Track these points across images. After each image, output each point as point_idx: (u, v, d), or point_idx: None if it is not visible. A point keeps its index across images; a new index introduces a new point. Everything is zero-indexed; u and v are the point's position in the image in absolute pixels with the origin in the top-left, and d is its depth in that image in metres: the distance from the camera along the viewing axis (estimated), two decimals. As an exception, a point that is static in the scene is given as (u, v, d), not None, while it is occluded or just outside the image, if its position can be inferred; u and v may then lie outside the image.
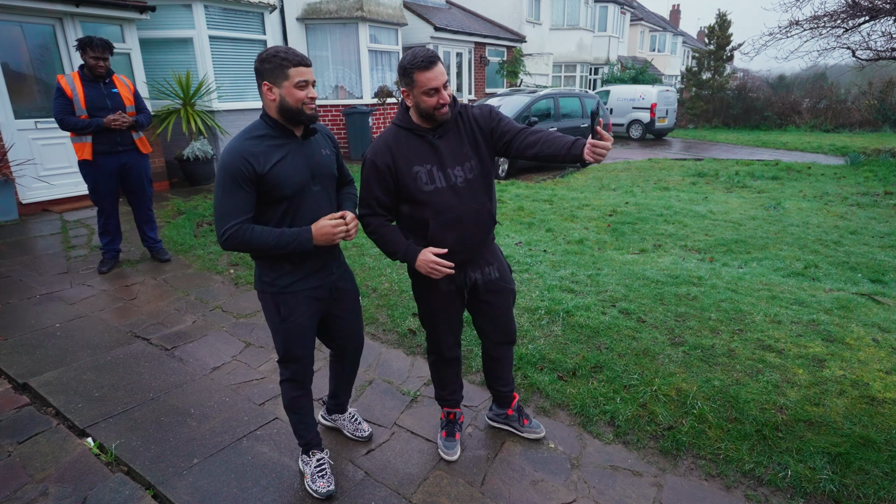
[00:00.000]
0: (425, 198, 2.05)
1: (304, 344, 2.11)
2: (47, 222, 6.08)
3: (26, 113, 6.46)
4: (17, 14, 6.20)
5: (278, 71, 1.80)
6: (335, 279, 2.13)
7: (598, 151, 1.86)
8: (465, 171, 2.08)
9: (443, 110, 1.99)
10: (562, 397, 2.84)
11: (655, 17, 38.10)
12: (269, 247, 1.85)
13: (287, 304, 2.01)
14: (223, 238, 1.82)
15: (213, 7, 8.24)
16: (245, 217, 1.82)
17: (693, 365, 3.00)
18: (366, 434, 2.55)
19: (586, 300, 3.79)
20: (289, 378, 2.17)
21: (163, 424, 2.62)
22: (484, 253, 2.25)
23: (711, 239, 5.54)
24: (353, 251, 5.05)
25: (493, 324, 2.37)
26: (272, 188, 1.84)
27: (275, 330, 2.08)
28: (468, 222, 2.12)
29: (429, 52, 1.94)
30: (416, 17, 12.86)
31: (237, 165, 1.79)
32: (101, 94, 4.16)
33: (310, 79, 1.85)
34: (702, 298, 3.80)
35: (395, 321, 3.67)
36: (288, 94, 1.82)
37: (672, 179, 9.49)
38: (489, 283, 2.26)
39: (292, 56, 1.81)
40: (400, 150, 2.05)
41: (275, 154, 1.85)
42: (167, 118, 7.54)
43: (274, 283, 1.99)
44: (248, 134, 1.87)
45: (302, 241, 1.88)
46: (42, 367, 3.10)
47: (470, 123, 2.12)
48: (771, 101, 22.23)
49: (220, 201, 1.82)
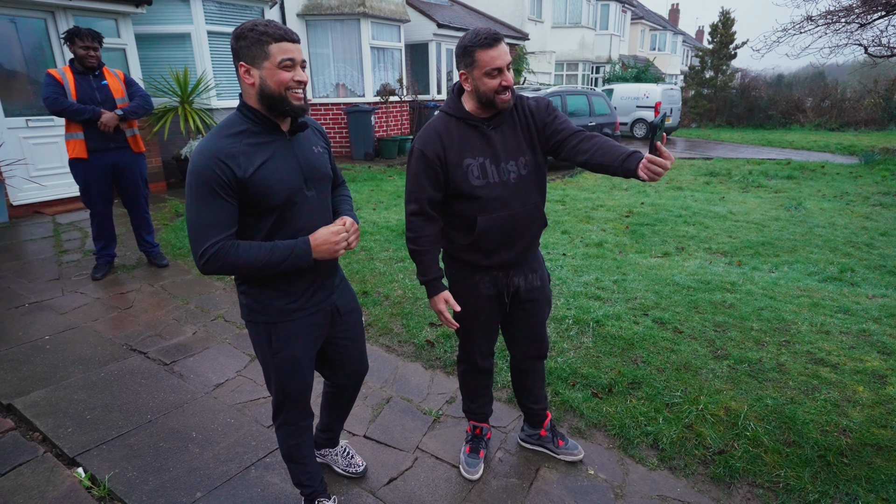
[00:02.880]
0: (475, 193, 1.84)
1: (301, 381, 1.77)
2: (39, 225, 5.81)
3: (17, 111, 6.18)
4: (10, 7, 5.92)
5: (256, 48, 1.44)
6: (335, 299, 1.81)
7: (655, 170, 1.61)
8: (519, 167, 1.89)
9: (505, 95, 1.78)
10: (598, 416, 2.59)
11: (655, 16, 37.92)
12: (259, 265, 1.50)
13: (280, 334, 1.68)
14: (202, 261, 1.46)
15: (212, 1, 7.97)
16: (227, 233, 1.47)
17: (741, 381, 2.75)
18: (360, 469, 2.22)
19: (616, 308, 3.55)
20: (283, 423, 1.84)
21: (162, 451, 2.36)
22: (529, 258, 2.06)
23: (736, 241, 5.31)
24: (362, 255, 4.79)
25: (526, 335, 2.17)
26: (258, 196, 1.49)
27: (266, 366, 1.74)
28: (519, 222, 1.92)
29: (491, 30, 1.74)
30: (418, 13, 12.60)
31: (211, 170, 1.43)
32: (90, 87, 3.91)
33: (297, 58, 1.48)
34: (739, 306, 3.55)
35: (411, 331, 3.41)
36: (269, 76, 1.45)
37: (684, 179, 9.26)
38: (531, 290, 2.07)
39: (273, 29, 1.44)
40: (451, 139, 1.84)
41: (258, 154, 1.50)
42: (164, 116, 7.26)
43: (264, 310, 1.65)
44: (224, 131, 1.50)
45: (299, 255, 1.54)
46: (29, 385, 2.84)
47: (525, 116, 1.92)
48: (775, 99, 22.06)
49: (195, 216, 1.45)
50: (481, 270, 1.99)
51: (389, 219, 6.02)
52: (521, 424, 2.47)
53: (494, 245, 1.92)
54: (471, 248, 1.93)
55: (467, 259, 1.98)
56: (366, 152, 10.71)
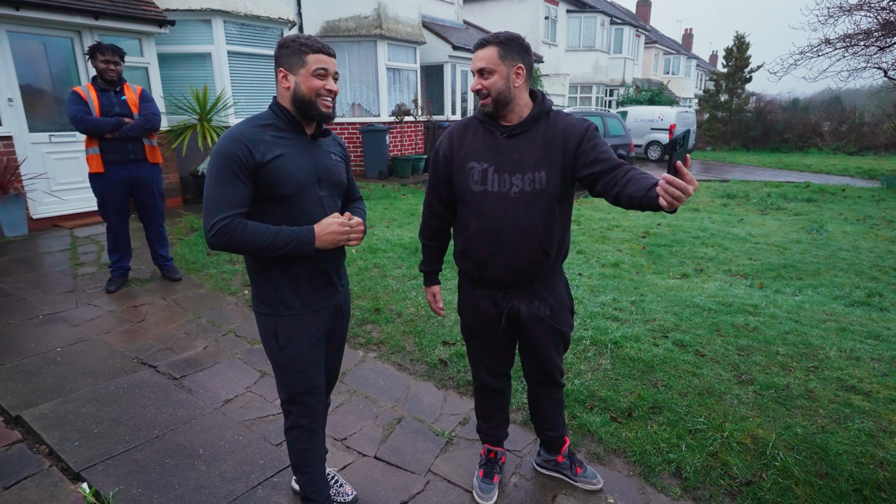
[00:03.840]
0: (470, 198, 1.83)
1: (310, 377, 1.78)
2: (57, 238, 5.87)
3: (41, 126, 6.31)
4: (38, 27, 6.10)
5: (295, 56, 1.60)
6: (339, 299, 1.86)
7: (673, 192, 1.38)
8: (525, 182, 1.77)
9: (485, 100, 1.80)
10: (617, 442, 2.48)
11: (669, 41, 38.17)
12: (263, 245, 1.56)
13: (286, 329, 1.72)
14: (211, 233, 1.53)
15: (233, 22, 8.15)
16: (239, 210, 1.56)
17: (768, 407, 2.64)
18: (349, 498, 2.09)
19: (634, 330, 3.45)
20: (293, 426, 1.82)
21: (168, 468, 2.30)
22: (535, 285, 1.92)
23: (757, 263, 5.18)
24: (375, 272, 4.75)
25: (532, 362, 2.10)
26: (270, 183, 1.59)
27: (274, 361, 1.78)
28: (507, 239, 1.80)
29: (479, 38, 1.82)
30: (434, 36, 12.78)
31: (234, 151, 1.55)
32: (111, 102, 3.99)
33: (330, 69, 1.63)
34: (763, 329, 3.44)
35: (424, 350, 3.34)
36: (303, 82, 1.61)
37: (701, 201, 9.15)
38: (535, 319, 1.95)
39: (313, 42, 1.61)
40: (462, 140, 1.86)
41: (278, 146, 1.62)
42: (183, 133, 7.36)
43: (271, 302, 1.71)
44: (253, 121, 1.64)
45: (303, 241, 1.60)
46: (38, 397, 2.81)
47: (558, 132, 1.78)
48: (791, 123, 21.92)
49: (212, 190, 1.56)
50: (480, 287, 1.96)
51: (403, 236, 5.99)
52: (538, 448, 2.38)
53: (481, 257, 1.85)
54: (463, 255, 1.92)
55: (463, 268, 1.98)
56: (380, 171, 10.78)
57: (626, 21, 24.85)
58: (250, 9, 8.18)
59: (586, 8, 21.55)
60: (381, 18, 10.48)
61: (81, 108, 3.88)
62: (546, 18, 19.52)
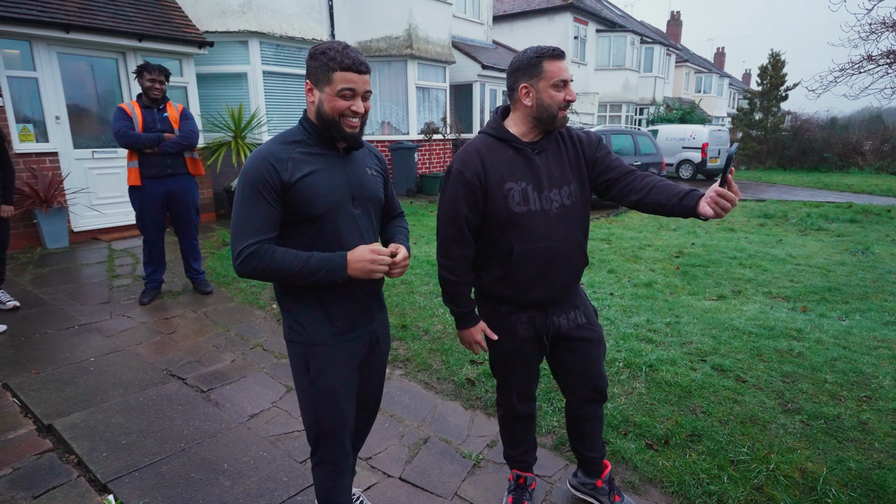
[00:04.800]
0: (514, 220, 1.73)
1: (339, 415, 1.64)
2: (95, 250, 6.05)
3: (85, 143, 6.57)
4: (86, 48, 6.39)
5: (322, 72, 1.46)
6: (376, 327, 1.72)
7: (724, 205, 1.51)
8: (563, 197, 1.77)
9: (566, 111, 1.72)
10: (653, 471, 2.35)
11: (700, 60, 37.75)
12: (292, 272, 1.46)
13: (318, 360, 1.59)
14: (239, 260, 1.45)
15: (268, 44, 8.39)
16: (267, 236, 1.47)
17: (817, 439, 2.47)
18: None
19: (670, 352, 3.31)
20: (320, 462, 1.69)
21: (192, 482, 2.28)
22: (570, 295, 1.90)
23: (799, 286, 4.96)
24: (402, 288, 4.72)
25: (579, 377, 1.97)
26: (300, 203, 1.49)
27: (302, 394, 1.64)
28: (557, 257, 1.78)
29: (553, 46, 1.71)
30: (463, 55, 12.92)
31: (260, 171, 1.45)
32: (153, 119, 4.14)
33: (359, 88, 1.48)
34: (809, 355, 3.26)
35: (451, 369, 3.28)
36: (327, 101, 1.48)
37: (736, 220, 8.89)
38: (577, 328, 1.90)
39: (343, 57, 1.45)
40: (493, 160, 1.74)
41: (308, 163, 1.51)
42: (218, 150, 7.57)
43: (303, 331, 1.58)
44: (281, 138, 1.54)
45: (333, 268, 1.49)
46: (70, 406, 2.84)
47: (574, 144, 1.83)
48: (830, 142, 21.23)
49: (239, 214, 1.48)
50: (517, 310, 1.85)
51: (430, 253, 5.97)
52: (574, 470, 2.26)
53: (530, 279, 1.79)
54: (504, 281, 1.81)
55: (500, 295, 1.85)
56: (408, 188, 10.84)
57: (656, 40, 24.70)
58: (285, 30, 8.42)
59: (616, 27, 21.52)
60: (411, 39, 10.66)
61: (125, 124, 4.04)
62: (575, 38, 19.55)
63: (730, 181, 1.49)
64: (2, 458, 2.42)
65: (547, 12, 19.09)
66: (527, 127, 1.77)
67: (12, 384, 3.05)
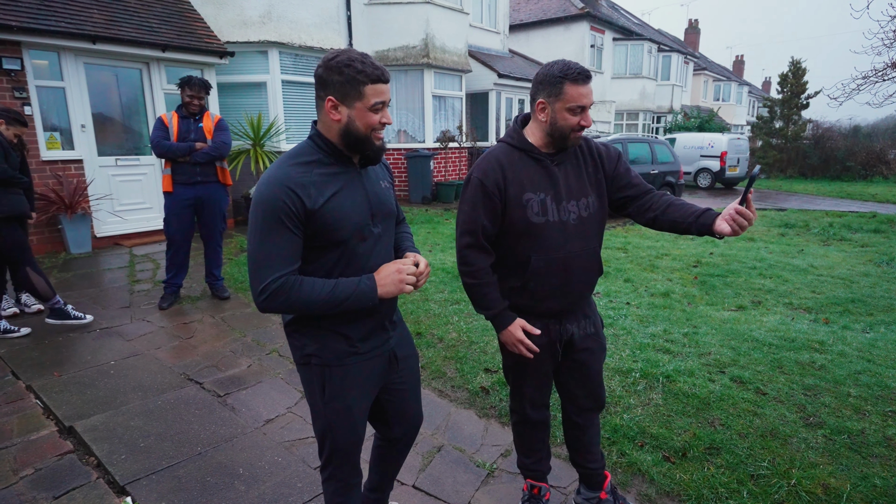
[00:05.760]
0: (532, 230, 1.74)
1: (353, 434, 1.60)
2: (117, 256, 6.17)
3: (109, 150, 6.73)
4: (112, 59, 6.57)
5: (351, 87, 1.36)
6: (393, 343, 1.67)
7: (742, 223, 1.61)
8: (580, 208, 1.79)
9: (579, 133, 1.73)
10: (671, 484, 2.31)
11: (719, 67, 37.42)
12: (321, 303, 1.39)
13: (334, 380, 1.53)
14: (263, 296, 1.35)
15: (288, 53, 8.53)
16: (291, 268, 1.38)
17: (840, 455, 2.41)
18: None
19: (688, 363, 3.27)
20: (331, 477, 1.66)
21: (208, 486, 2.30)
22: (583, 304, 1.92)
23: (821, 297, 4.86)
24: (417, 296, 4.73)
25: (582, 386, 1.99)
26: (325, 230, 1.40)
27: (316, 414, 1.58)
28: (574, 267, 1.80)
29: (582, 66, 1.68)
30: (479, 64, 12.98)
31: (280, 198, 1.33)
32: (188, 128, 4.28)
33: (387, 99, 1.42)
34: (831, 368, 3.19)
35: (465, 376, 3.27)
36: (359, 118, 1.39)
37: (756, 230, 8.74)
38: (585, 338, 1.93)
39: (371, 68, 1.37)
40: (513, 171, 1.75)
41: (329, 185, 1.42)
42: (237, 158, 7.70)
43: (318, 352, 1.52)
44: (294, 159, 1.42)
45: (364, 292, 1.42)
46: (91, 408, 2.90)
47: (594, 157, 1.85)
48: (853, 150, 20.80)
49: (259, 246, 1.36)
50: (532, 319, 1.86)
51: (445, 261, 5.97)
52: (578, 486, 2.25)
53: (547, 289, 1.80)
54: (521, 290, 1.82)
55: (515, 304, 1.86)
56: (423, 196, 10.89)
57: (673, 48, 24.56)
58: (304, 40, 8.55)
59: (633, 36, 21.45)
60: (428, 48, 10.75)
61: (160, 134, 4.20)
62: (592, 46, 19.54)
63: (749, 201, 1.57)
64: (24, 458, 2.47)
65: (563, 21, 19.12)
66: (543, 139, 1.78)
67: (35, 386, 3.12)
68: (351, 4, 10.28)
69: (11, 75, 5.76)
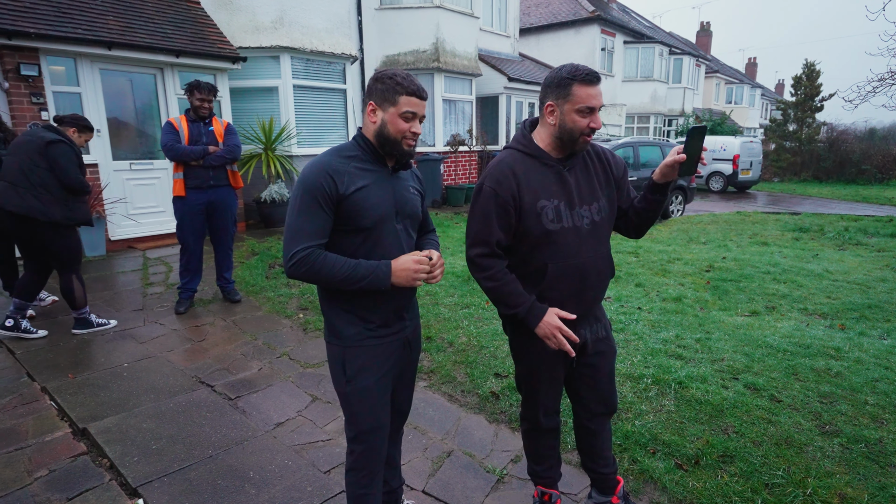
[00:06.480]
0: (547, 238, 1.73)
1: (376, 414, 1.71)
2: (131, 259, 6.24)
3: (123, 155, 6.82)
4: (127, 65, 6.66)
5: (388, 94, 1.60)
6: (408, 333, 1.81)
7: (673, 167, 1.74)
8: (593, 213, 1.79)
9: (589, 136, 1.71)
10: (683, 492, 2.29)
11: (731, 70, 37.11)
12: (340, 278, 1.57)
13: (354, 360, 1.68)
14: (291, 262, 1.56)
15: (299, 58, 8.59)
16: (320, 241, 1.58)
17: (857, 464, 2.37)
18: None
19: (700, 369, 3.23)
20: (353, 467, 1.75)
21: (219, 489, 2.31)
22: (595, 308, 1.92)
23: (837, 302, 4.79)
24: (427, 300, 4.73)
25: (594, 390, 1.98)
26: (351, 215, 1.60)
27: (341, 395, 1.73)
28: (590, 272, 1.81)
29: (591, 69, 1.68)
30: (490, 68, 12.98)
31: (319, 181, 1.56)
32: (199, 132, 4.30)
33: (419, 112, 1.63)
34: (848, 375, 3.14)
35: (475, 381, 3.26)
36: (391, 122, 1.61)
37: (770, 234, 8.64)
38: (597, 341, 1.93)
39: (409, 83, 1.60)
40: (526, 179, 1.73)
41: (361, 178, 1.62)
42: (249, 162, 7.76)
43: (339, 332, 1.68)
44: (338, 152, 1.65)
45: (379, 276, 1.60)
46: (104, 410, 2.93)
47: (602, 161, 1.87)
48: (869, 153, 20.50)
49: (294, 219, 1.58)
50: None
51: (455, 264, 5.97)
52: (589, 491, 2.23)
53: (563, 296, 1.79)
54: (537, 299, 1.80)
55: None
56: (433, 200, 10.90)
57: (685, 51, 24.40)
58: (315, 45, 8.61)
59: (644, 39, 21.35)
60: (438, 52, 10.77)
61: (172, 138, 4.22)
62: (602, 50, 19.48)
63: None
64: (39, 459, 2.50)
65: (574, 25, 19.09)
66: (552, 144, 1.77)
67: (50, 388, 3.16)
68: (362, 9, 10.35)
69: (29, 81, 5.86)
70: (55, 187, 3.65)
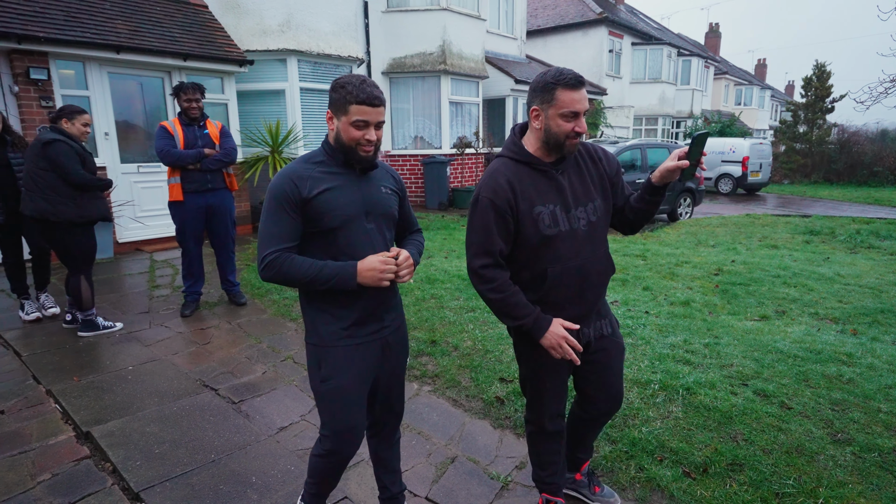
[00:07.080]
0: (546, 243, 1.74)
1: (349, 414, 1.74)
2: (138, 261, 6.27)
3: (131, 158, 6.86)
4: (135, 68, 6.71)
5: (340, 103, 1.63)
6: (387, 334, 1.82)
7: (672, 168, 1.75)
8: (588, 214, 1.80)
9: (574, 140, 1.71)
10: (691, 501, 2.24)
11: (740, 71, 36.84)
12: (308, 279, 1.62)
13: (329, 360, 1.72)
14: (262, 265, 1.64)
15: (306, 61, 8.62)
16: (287, 245, 1.64)
17: (870, 473, 2.32)
18: None
19: (709, 375, 3.18)
20: (322, 453, 1.81)
21: (221, 495, 2.30)
22: (596, 306, 1.92)
23: (848, 307, 4.71)
24: (432, 303, 4.71)
25: (601, 387, 1.98)
26: (317, 217, 1.65)
27: (315, 392, 1.78)
28: (590, 272, 1.82)
29: (576, 72, 1.68)
30: (496, 70, 12.97)
31: (283, 187, 1.63)
32: (194, 136, 4.27)
33: (372, 119, 1.63)
34: (860, 382, 3.07)
35: (480, 386, 3.23)
36: (343, 130, 1.65)
37: (779, 237, 8.54)
38: (601, 339, 1.93)
39: (359, 91, 1.60)
40: (521, 186, 1.74)
41: (326, 181, 1.67)
42: (255, 164, 7.78)
43: (317, 332, 1.73)
44: (306, 159, 1.72)
45: (345, 277, 1.63)
46: (108, 413, 2.93)
47: (595, 160, 1.88)
48: (881, 155, 20.23)
49: (264, 225, 1.66)
50: None
51: (461, 267, 5.95)
52: None
53: (565, 298, 1.79)
54: (539, 303, 1.80)
55: None
56: (440, 202, 10.89)
57: (693, 52, 24.26)
58: (322, 48, 8.63)
59: (652, 40, 21.25)
60: (445, 55, 10.77)
61: (168, 142, 4.18)
62: (610, 51, 19.39)
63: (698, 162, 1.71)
64: (42, 463, 2.50)
65: (581, 26, 19.03)
66: (541, 148, 1.77)
67: (55, 390, 3.17)
68: (369, 12, 10.37)
69: (38, 85, 5.91)
70: (61, 186, 3.67)
